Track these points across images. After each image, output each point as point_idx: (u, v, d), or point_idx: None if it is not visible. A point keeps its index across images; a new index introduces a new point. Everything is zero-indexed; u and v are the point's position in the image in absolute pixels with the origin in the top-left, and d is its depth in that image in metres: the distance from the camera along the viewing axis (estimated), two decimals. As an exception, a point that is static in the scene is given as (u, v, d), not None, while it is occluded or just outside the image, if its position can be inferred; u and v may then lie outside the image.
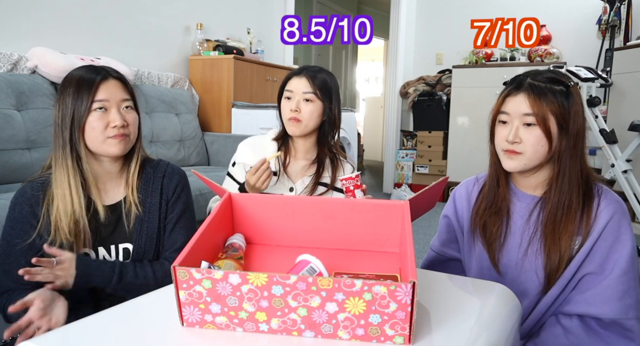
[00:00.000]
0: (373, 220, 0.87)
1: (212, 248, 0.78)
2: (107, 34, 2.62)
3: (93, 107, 1.03)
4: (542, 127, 0.97)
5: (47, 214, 1.03)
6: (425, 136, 4.50)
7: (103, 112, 1.04)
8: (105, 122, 1.04)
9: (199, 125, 2.96)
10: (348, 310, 0.58)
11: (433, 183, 0.86)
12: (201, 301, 0.61)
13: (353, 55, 6.64)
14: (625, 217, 1.01)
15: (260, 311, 0.60)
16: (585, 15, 4.02)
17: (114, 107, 1.05)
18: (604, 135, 2.82)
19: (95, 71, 1.06)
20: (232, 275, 0.59)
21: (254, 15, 3.77)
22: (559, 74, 1.03)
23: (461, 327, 0.67)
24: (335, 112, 1.39)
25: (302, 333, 0.60)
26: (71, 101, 1.02)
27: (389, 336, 0.59)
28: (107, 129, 1.04)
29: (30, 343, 0.59)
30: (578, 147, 0.99)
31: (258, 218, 0.89)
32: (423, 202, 0.92)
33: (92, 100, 1.02)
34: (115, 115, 1.05)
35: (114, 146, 1.05)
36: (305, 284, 0.57)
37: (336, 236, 0.88)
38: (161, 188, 1.15)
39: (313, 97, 1.35)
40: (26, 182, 1.08)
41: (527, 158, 1.00)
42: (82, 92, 1.02)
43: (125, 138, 1.07)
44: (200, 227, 0.73)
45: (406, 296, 0.56)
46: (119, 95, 1.07)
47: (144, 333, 0.63)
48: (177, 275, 0.60)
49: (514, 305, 0.80)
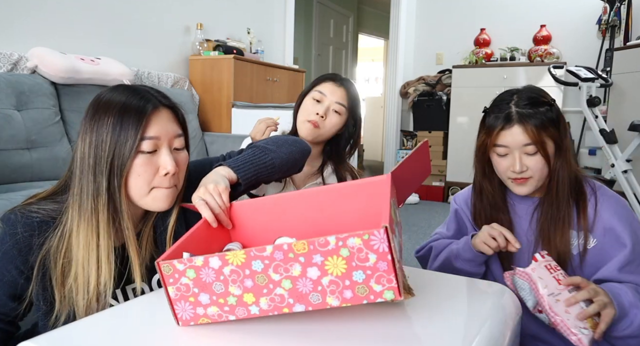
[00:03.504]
0: (362, 201, 0.85)
1: (202, 246, 0.77)
2: (107, 34, 2.62)
3: (142, 147, 0.78)
4: (542, 152, 1.01)
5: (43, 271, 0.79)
6: (425, 136, 4.50)
7: (152, 155, 0.79)
8: (155, 168, 0.80)
9: (199, 125, 2.96)
10: (330, 272, 0.57)
11: (413, 150, 0.85)
12: (189, 294, 0.62)
13: (353, 55, 6.64)
14: (626, 208, 1.04)
15: (247, 292, 0.60)
16: (585, 15, 4.02)
17: (165, 146, 0.81)
18: (604, 135, 2.82)
19: (144, 97, 0.80)
20: (212, 258, 0.59)
21: (254, 15, 3.77)
22: (537, 91, 1.05)
23: (461, 327, 0.67)
24: (358, 130, 1.37)
25: (292, 308, 0.60)
26: (111, 136, 0.76)
27: (378, 293, 0.57)
28: (155, 177, 0.80)
29: (30, 343, 0.59)
30: (567, 154, 1.03)
31: (252, 224, 0.87)
32: (410, 171, 0.89)
33: (140, 137, 0.77)
34: (167, 159, 0.80)
35: (159, 201, 0.81)
36: (282, 252, 0.57)
37: (330, 226, 0.86)
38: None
39: (343, 110, 1.32)
40: (17, 211, 0.79)
41: (536, 180, 1.03)
42: (127, 125, 0.76)
43: (174, 190, 0.83)
44: (190, 230, 0.74)
45: (382, 243, 0.55)
46: (171, 131, 0.82)
47: (142, 333, 0.63)
48: (162, 270, 0.61)
49: (514, 304, 0.80)
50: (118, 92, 0.81)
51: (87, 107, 0.80)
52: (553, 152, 1.02)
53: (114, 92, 0.81)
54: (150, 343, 0.61)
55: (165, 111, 0.83)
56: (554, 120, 1.01)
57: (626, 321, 0.91)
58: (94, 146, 0.77)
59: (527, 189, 1.04)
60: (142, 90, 0.83)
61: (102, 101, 0.79)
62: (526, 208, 1.10)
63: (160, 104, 0.82)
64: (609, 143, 2.82)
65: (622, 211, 1.03)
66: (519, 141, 1.00)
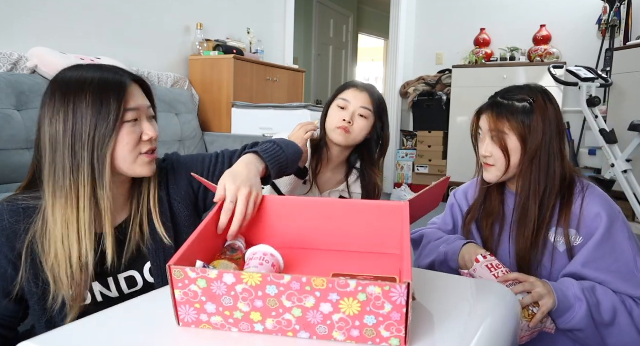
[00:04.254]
0: (373, 221, 0.87)
1: (210, 250, 0.78)
2: (107, 34, 2.62)
3: (127, 117, 0.82)
4: (498, 142, 1.06)
5: (31, 256, 0.82)
6: (425, 136, 4.50)
7: (135, 124, 0.84)
8: (139, 135, 0.85)
9: (199, 125, 2.97)
10: (343, 311, 0.58)
11: (434, 183, 0.87)
12: (196, 300, 0.61)
13: (353, 55, 6.64)
14: (614, 214, 1.03)
15: (255, 311, 0.60)
16: (585, 15, 4.02)
17: (144, 116, 0.87)
18: (604, 135, 2.82)
19: (117, 72, 0.85)
20: (227, 274, 0.59)
21: (254, 15, 3.77)
22: (529, 90, 1.08)
23: (461, 327, 0.67)
24: (387, 133, 1.39)
25: (297, 334, 0.60)
26: (92, 111, 0.79)
27: (385, 338, 0.58)
28: (139, 144, 0.85)
29: (31, 343, 0.59)
30: (538, 160, 1.04)
31: (257, 221, 0.88)
32: (424, 203, 0.92)
33: (124, 109, 0.81)
34: (148, 126, 0.86)
35: (146, 166, 0.87)
36: (300, 284, 0.57)
37: (336, 237, 0.88)
38: (168, 193, 0.96)
39: (369, 113, 1.34)
40: (4, 201, 0.85)
41: (497, 169, 1.08)
42: (108, 99, 0.80)
43: (156, 155, 0.90)
44: (199, 227, 0.73)
45: (401, 297, 0.56)
46: (145, 102, 0.88)
47: (141, 333, 0.63)
48: (172, 274, 0.61)
49: (514, 305, 0.80)
50: (84, 70, 0.83)
51: (48, 90, 0.81)
52: (516, 147, 1.04)
53: (80, 71, 0.83)
54: (150, 343, 0.61)
55: (137, 85, 0.88)
56: (524, 118, 1.03)
57: (570, 313, 0.96)
58: (71, 123, 0.78)
59: (491, 176, 1.09)
60: (109, 66, 0.86)
61: (72, 80, 0.81)
62: (513, 202, 1.13)
63: (132, 79, 0.86)
64: (609, 143, 2.82)
65: (607, 210, 1.02)
66: (485, 126, 1.08)
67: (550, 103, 1.06)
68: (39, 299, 0.83)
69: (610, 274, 0.99)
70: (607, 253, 1.00)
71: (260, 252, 0.74)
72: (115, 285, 0.89)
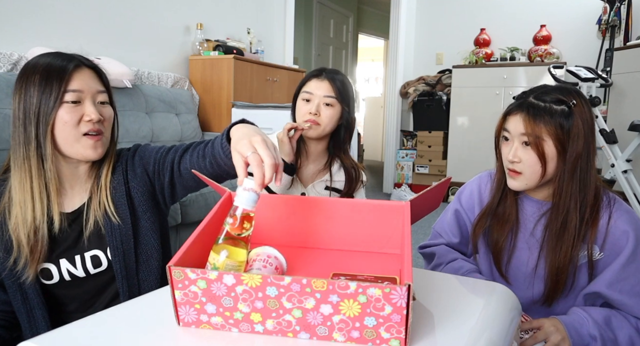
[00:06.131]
0: (373, 221, 0.87)
1: (210, 248, 0.78)
2: (107, 34, 2.62)
3: (65, 98, 0.90)
4: (535, 149, 0.97)
5: (5, 225, 0.93)
6: (425, 136, 4.50)
7: (76, 105, 0.91)
8: (79, 115, 0.91)
9: (199, 125, 2.97)
10: (343, 312, 0.58)
11: (435, 184, 0.87)
12: (196, 301, 0.61)
13: (353, 55, 6.64)
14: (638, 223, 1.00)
15: (255, 312, 0.60)
16: (585, 15, 4.03)
17: (89, 99, 0.93)
18: (604, 135, 2.82)
19: (67, 58, 0.93)
20: (227, 275, 0.59)
21: (254, 15, 3.77)
22: (565, 92, 0.99)
23: (461, 327, 0.67)
24: (352, 117, 1.38)
25: (297, 335, 0.60)
26: (37, 91, 0.88)
27: (385, 339, 0.58)
28: (80, 124, 0.92)
29: (31, 343, 0.59)
30: (578, 170, 0.97)
31: (257, 218, 0.88)
32: (425, 203, 0.92)
33: (64, 90, 0.89)
34: (90, 108, 0.92)
35: (89, 148, 0.93)
36: (300, 285, 0.57)
37: (336, 236, 0.88)
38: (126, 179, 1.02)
39: (334, 101, 1.33)
40: None
41: (526, 178, 1.01)
42: (51, 81, 0.89)
43: (101, 138, 0.95)
44: (198, 227, 0.73)
45: (401, 299, 0.56)
46: (94, 87, 0.94)
47: (141, 333, 0.63)
48: (172, 274, 0.61)
49: (514, 305, 0.80)
50: (44, 56, 0.93)
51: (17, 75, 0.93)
52: (553, 154, 0.97)
53: (40, 57, 0.93)
54: (150, 343, 0.61)
55: (88, 70, 0.94)
56: (563, 122, 0.96)
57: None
58: (22, 102, 0.89)
59: (518, 184, 1.02)
60: (67, 54, 0.95)
61: (30, 65, 0.91)
62: (535, 210, 1.07)
63: (82, 64, 0.94)
64: (609, 143, 2.82)
65: (635, 228, 0.98)
66: (518, 129, 0.99)
67: (587, 106, 0.98)
68: (2, 262, 0.93)
69: (635, 298, 0.95)
70: (632, 274, 0.96)
71: (264, 254, 0.73)
72: (81, 263, 0.98)
